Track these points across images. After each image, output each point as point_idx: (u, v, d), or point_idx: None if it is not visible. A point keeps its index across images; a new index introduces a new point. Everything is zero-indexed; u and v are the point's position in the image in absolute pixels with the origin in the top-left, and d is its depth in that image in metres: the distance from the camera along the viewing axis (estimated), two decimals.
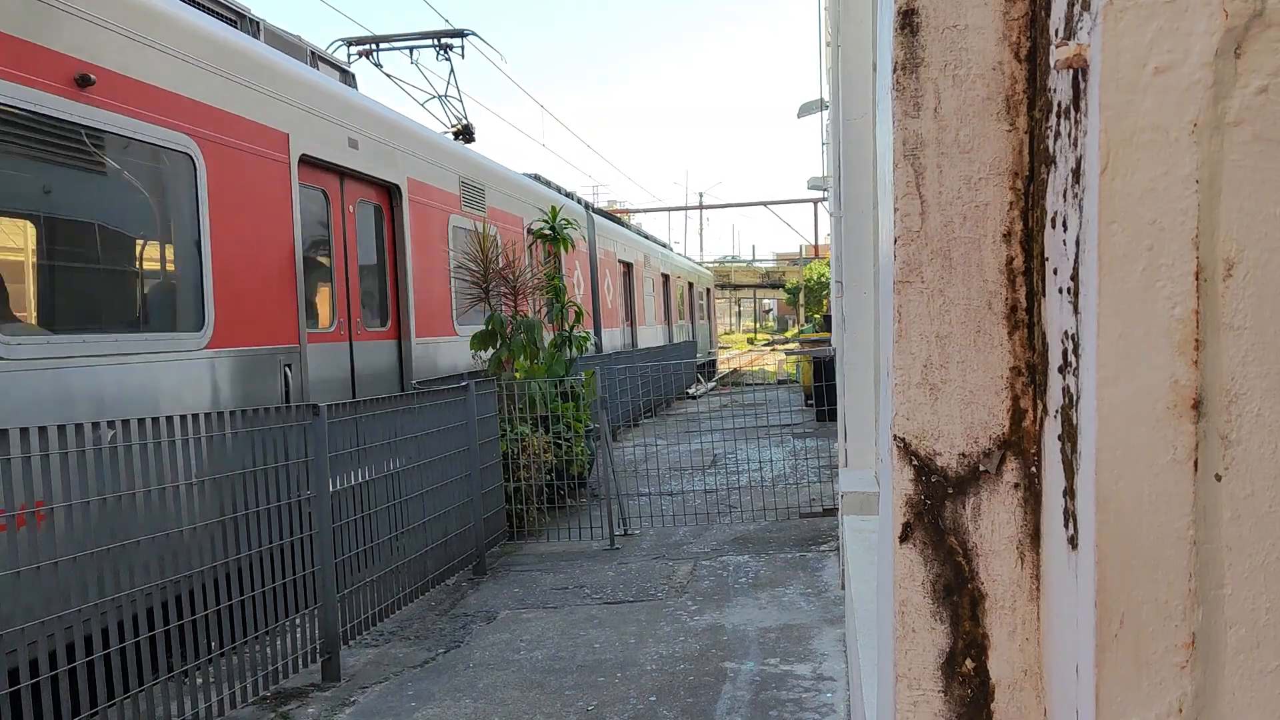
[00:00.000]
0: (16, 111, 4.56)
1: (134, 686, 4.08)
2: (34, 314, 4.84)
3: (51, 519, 3.77)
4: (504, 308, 9.74)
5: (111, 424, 4.11)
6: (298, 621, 5.20)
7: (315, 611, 5.31)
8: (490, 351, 9.33)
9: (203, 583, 4.53)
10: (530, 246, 11.71)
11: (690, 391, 22.23)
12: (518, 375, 9.38)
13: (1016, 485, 1.14)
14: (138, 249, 5.65)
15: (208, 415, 4.67)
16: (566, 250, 11.01)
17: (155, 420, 4.34)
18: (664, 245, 27.00)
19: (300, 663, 5.17)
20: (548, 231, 10.38)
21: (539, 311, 10.39)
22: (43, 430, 3.75)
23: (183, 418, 4.51)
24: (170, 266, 5.80)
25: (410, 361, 8.73)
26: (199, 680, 4.48)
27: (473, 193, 10.57)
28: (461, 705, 4.88)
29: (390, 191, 8.67)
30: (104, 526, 4.00)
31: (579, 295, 14.79)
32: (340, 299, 7.77)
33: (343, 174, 7.80)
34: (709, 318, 34.16)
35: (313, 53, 8.26)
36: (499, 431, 8.29)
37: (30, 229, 4.80)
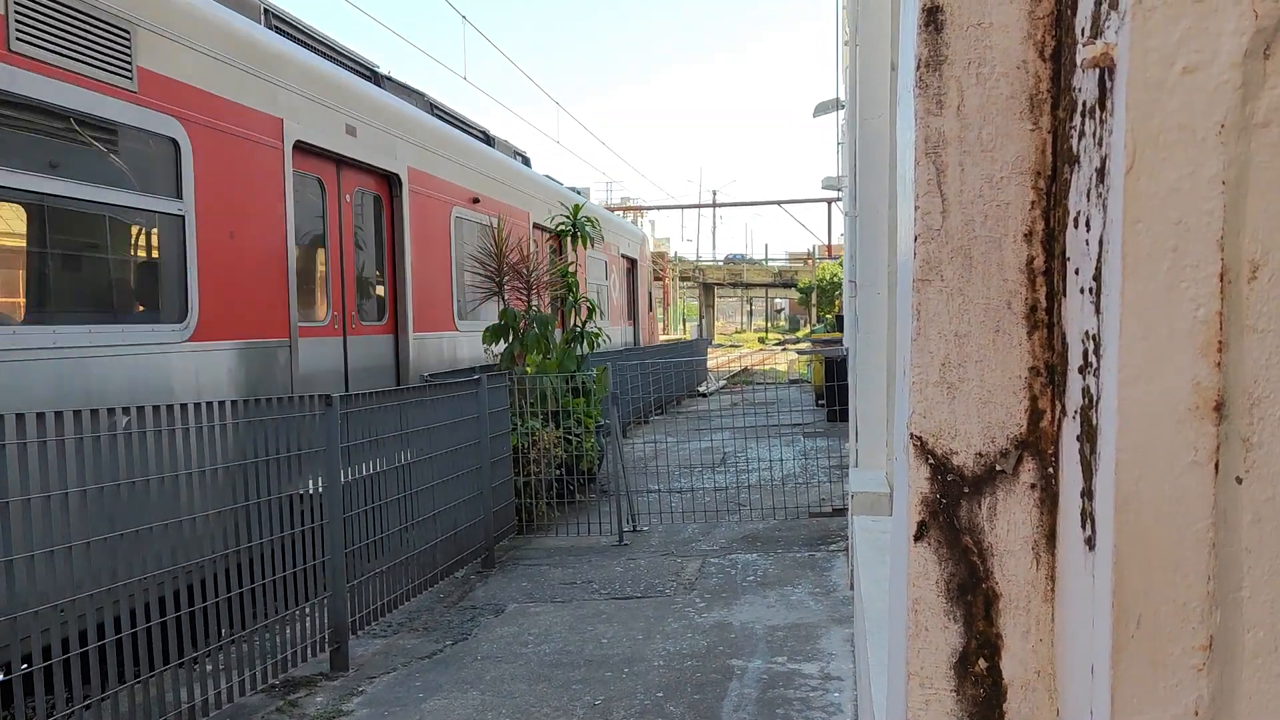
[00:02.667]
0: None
1: (144, 672, 4.11)
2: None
3: (66, 504, 3.79)
4: (515, 302, 9.73)
5: (126, 410, 4.14)
6: (307, 611, 5.22)
7: (324, 601, 5.33)
8: (503, 345, 9.35)
9: (213, 571, 4.55)
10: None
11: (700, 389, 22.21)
12: (529, 370, 9.39)
13: (1033, 485, 1.13)
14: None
15: (221, 403, 4.69)
16: (586, 246, 11.01)
17: (170, 408, 4.36)
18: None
19: (309, 652, 5.19)
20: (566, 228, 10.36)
21: (543, 306, 10.34)
22: (58, 415, 3.78)
23: (196, 406, 4.53)
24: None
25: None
26: (208, 667, 4.51)
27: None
28: (469, 697, 4.90)
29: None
30: (116, 513, 4.02)
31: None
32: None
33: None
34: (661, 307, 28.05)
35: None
36: (510, 426, 8.30)
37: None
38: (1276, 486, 0.85)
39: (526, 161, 14.24)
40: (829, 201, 43.18)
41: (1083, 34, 1.01)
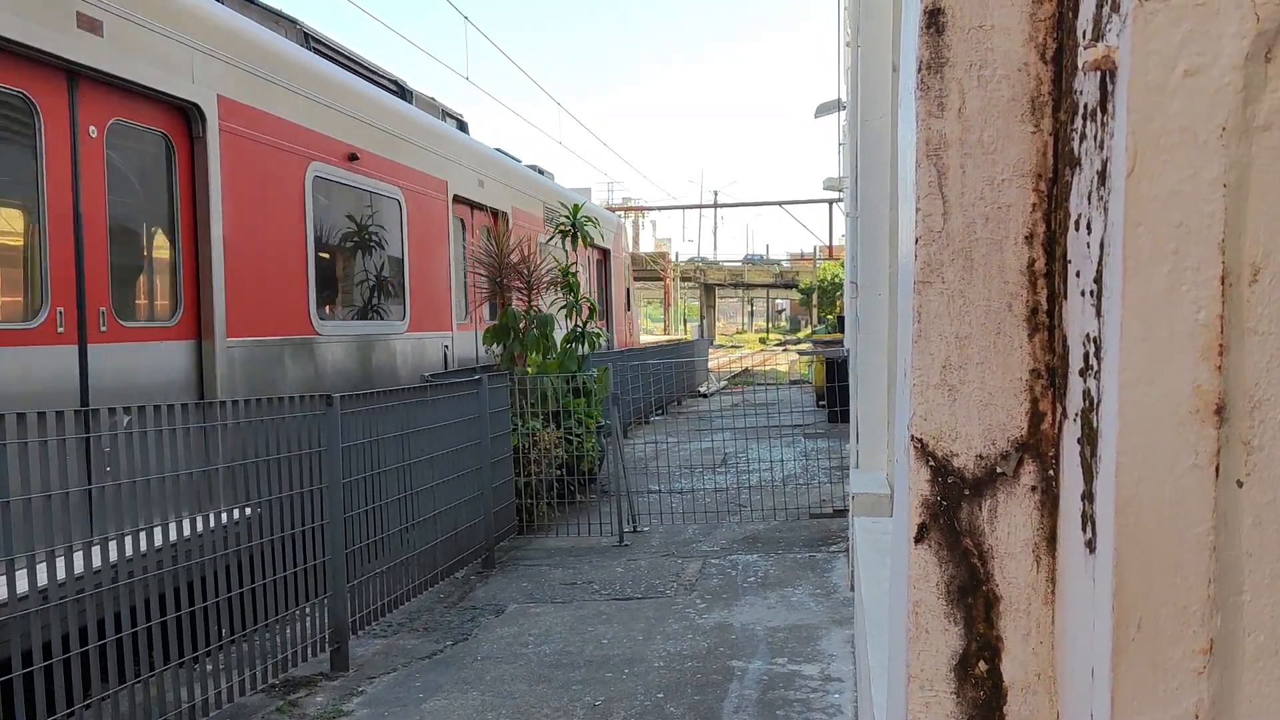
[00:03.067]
0: None
1: (144, 672, 4.11)
2: None
3: (67, 503, 3.79)
4: (505, 301, 9.62)
5: (128, 410, 4.14)
6: (307, 611, 5.23)
7: (325, 601, 5.34)
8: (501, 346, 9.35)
9: (214, 570, 4.55)
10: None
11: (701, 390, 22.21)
12: (530, 370, 9.39)
13: (1034, 488, 1.13)
14: None
15: (222, 403, 4.69)
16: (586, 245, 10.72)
17: (170, 407, 4.36)
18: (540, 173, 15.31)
19: (309, 652, 5.19)
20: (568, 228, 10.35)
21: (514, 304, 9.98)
22: (59, 414, 3.78)
23: (197, 405, 4.54)
24: None
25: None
26: (208, 667, 4.51)
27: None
28: (469, 697, 4.90)
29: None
30: (120, 512, 4.02)
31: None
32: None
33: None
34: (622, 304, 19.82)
35: None
36: (510, 426, 8.29)
37: None
38: (1277, 490, 0.85)
39: (464, 127, 11.79)
40: (830, 202, 43.20)
41: (1084, 37, 1.01)
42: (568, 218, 10.10)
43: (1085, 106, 1.00)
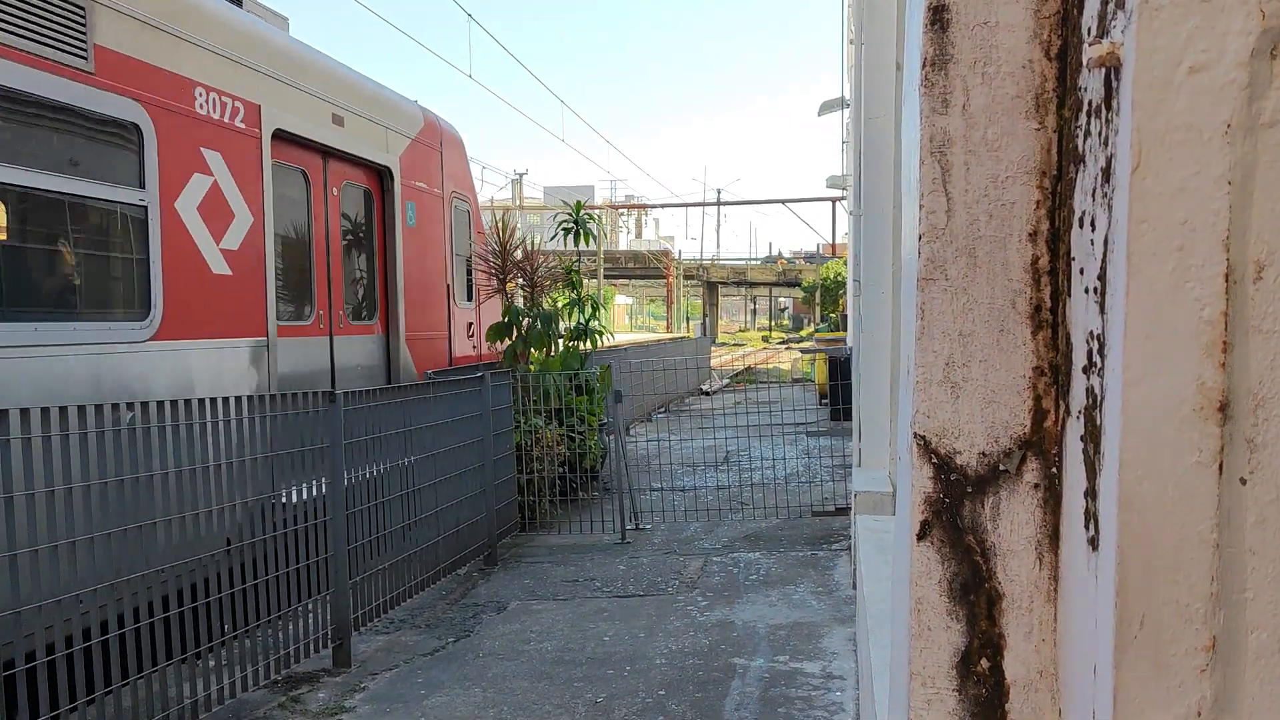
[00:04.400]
0: None
1: (146, 668, 4.12)
2: None
3: (70, 499, 3.80)
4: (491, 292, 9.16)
5: (130, 406, 4.14)
6: (310, 607, 5.23)
7: (327, 597, 5.34)
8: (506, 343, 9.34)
9: (216, 570, 4.56)
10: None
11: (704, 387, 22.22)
12: (532, 368, 9.40)
13: (1037, 485, 1.13)
14: None
15: (225, 400, 4.69)
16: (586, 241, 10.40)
17: (174, 403, 4.37)
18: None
19: (311, 648, 5.20)
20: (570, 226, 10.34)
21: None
22: (63, 410, 3.79)
23: (200, 401, 4.54)
24: None
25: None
26: (210, 663, 4.51)
27: None
28: (471, 694, 4.90)
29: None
30: (120, 509, 4.03)
31: None
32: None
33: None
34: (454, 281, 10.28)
35: None
36: (513, 423, 8.30)
37: None
38: None
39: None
40: (833, 200, 43.16)
41: (1089, 33, 1.00)
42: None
43: (1090, 103, 1.00)
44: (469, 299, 10.10)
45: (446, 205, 9.61)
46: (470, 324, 10.09)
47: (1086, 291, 1.01)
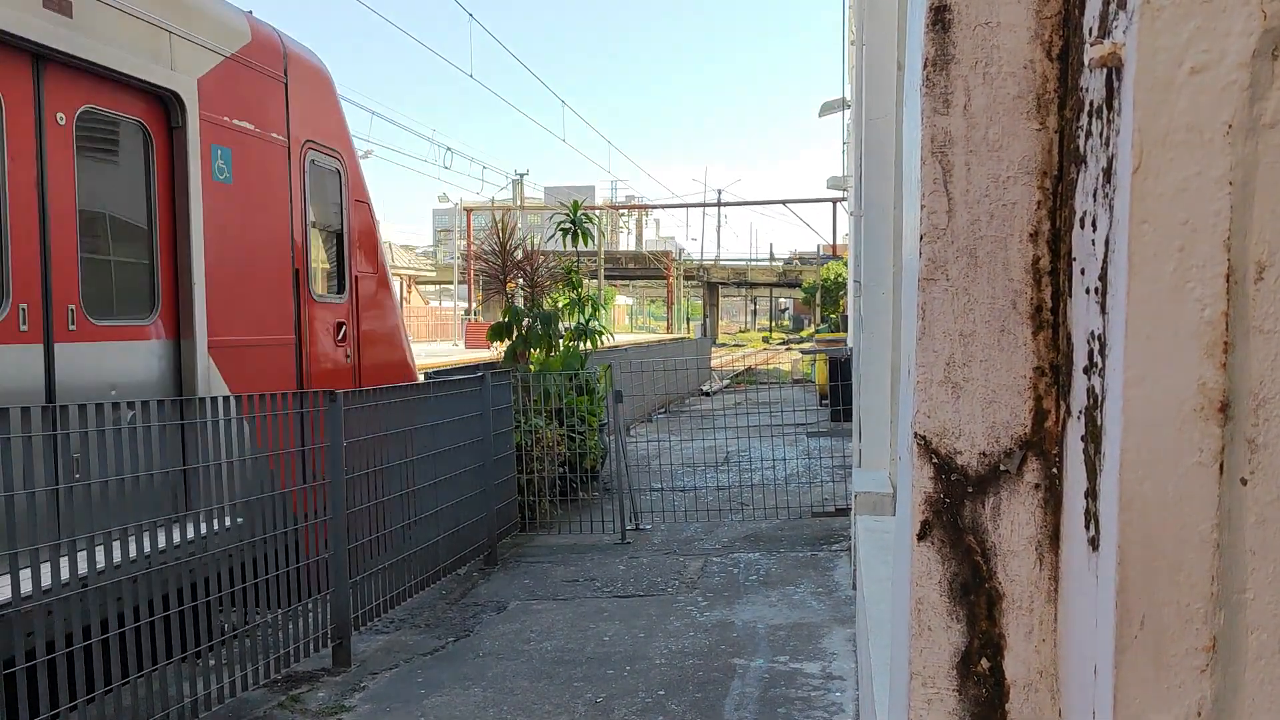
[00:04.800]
0: None
1: (147, 667, 4.12)
2: None
3: (70, 497, 3.80)
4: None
5: (131, 405, 4.14)
6: (310, 606, 5.23)
7: (327, 597, 5.34)
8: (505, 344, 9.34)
9: (216, 569, 4.56)
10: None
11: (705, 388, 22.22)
12: (532, 368, 9.40)
13: (1037, 486, 1.13)
14: None
15: (225, 399, 4.69)
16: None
17: (174, 402, 4.37)
18: None
19: (311, 647, 5.20)
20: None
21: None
22: (63, 409, 3.79)
23: (200, 401, 4.54)
24: None
25: None
26: (210, 662, 4.51)
27: None
28: (471, 694, 4.90)
29: None
30: (124, 506, 4.03)
31: None
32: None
33: None
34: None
35: None
36: (513, 423, 8.30)
37: None
38: None
39: None
40: (834, 201, 43.15)
41: (1090, 34, 1.00)
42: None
43: (1091, 104, 1.00)
44: (340, 290, 7.40)
45: (296, 158, 6.85)
46: (342, 325, 7.33)
47: (1087, 292, 1.01)
